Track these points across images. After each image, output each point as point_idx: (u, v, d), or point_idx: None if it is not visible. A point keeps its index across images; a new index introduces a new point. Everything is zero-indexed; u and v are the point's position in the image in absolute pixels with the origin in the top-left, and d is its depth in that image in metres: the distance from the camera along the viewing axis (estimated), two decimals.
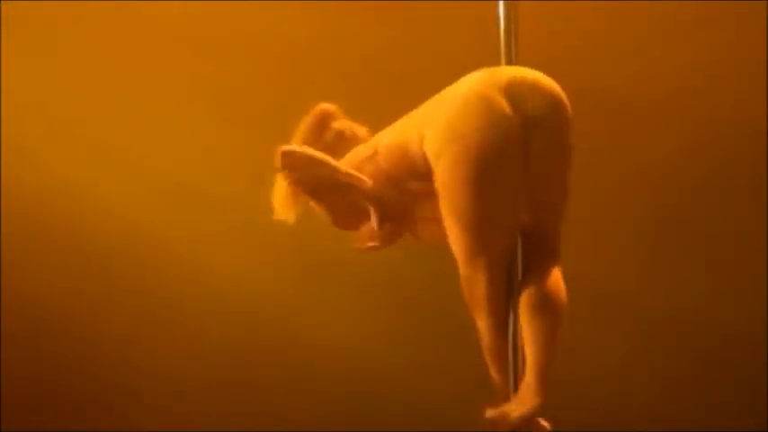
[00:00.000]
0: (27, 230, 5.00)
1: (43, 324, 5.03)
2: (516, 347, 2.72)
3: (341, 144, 2.98)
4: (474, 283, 2.66)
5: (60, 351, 5.03)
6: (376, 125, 2.98)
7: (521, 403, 2.66)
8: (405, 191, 2.85)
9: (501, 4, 2.84)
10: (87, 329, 5.02)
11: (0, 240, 4.96)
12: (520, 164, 2.61)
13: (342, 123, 3.03)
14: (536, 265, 2.72)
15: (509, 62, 2.81)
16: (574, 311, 2.67)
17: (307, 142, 2.95)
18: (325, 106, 3.04)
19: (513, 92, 2.62)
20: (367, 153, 2.89)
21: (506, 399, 2.72)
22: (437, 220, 2.74)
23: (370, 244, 2.99)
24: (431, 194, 2.71)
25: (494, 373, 2.75)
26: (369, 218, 2.92)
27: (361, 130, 3.04)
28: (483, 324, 2.70)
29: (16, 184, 4.95)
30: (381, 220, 2.89)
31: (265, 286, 5.03)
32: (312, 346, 5.02)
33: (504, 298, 2.69)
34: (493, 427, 2.68)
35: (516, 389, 2.71)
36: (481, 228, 2.62)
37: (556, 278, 2.71)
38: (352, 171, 2.87)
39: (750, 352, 4.91)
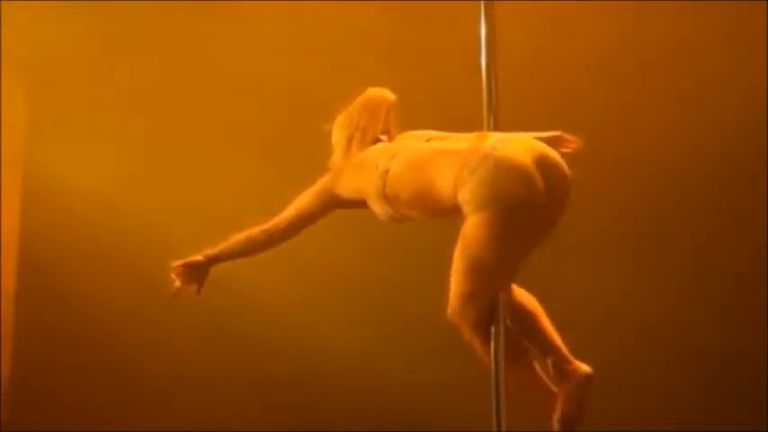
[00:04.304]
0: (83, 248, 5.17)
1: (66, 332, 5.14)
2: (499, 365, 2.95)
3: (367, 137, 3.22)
4: (465, 314, 2.97)
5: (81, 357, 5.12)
6: None
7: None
8: (398, 211, 3.12)
9: (482, 5, 2.92)
10: (108, 335, 5.14)
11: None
12: (542, 229, 3.01)
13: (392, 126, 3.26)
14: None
15: (489, 65, 2.91)
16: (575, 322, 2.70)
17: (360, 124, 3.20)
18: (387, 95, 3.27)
19: (544, 168, 2.96)
20: (380, 169, 3.09)
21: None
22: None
23: None
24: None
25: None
26: None
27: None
28: (477, 344, 3.01)
29: (71, 205, 5.17)
30: None
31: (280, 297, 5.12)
32: (313, 351, 5.07)
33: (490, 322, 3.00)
34: None
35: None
36: (491, 274, 2.96)
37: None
38: None
39: (750, 355, 4.90)
